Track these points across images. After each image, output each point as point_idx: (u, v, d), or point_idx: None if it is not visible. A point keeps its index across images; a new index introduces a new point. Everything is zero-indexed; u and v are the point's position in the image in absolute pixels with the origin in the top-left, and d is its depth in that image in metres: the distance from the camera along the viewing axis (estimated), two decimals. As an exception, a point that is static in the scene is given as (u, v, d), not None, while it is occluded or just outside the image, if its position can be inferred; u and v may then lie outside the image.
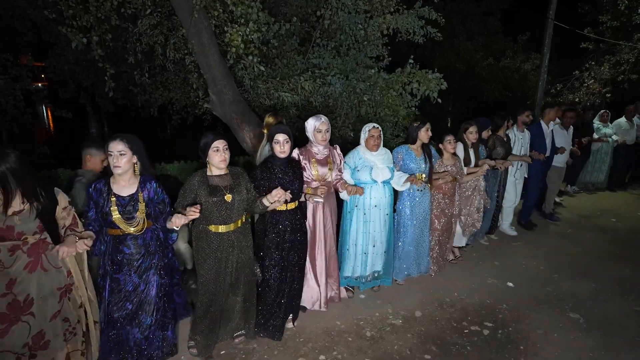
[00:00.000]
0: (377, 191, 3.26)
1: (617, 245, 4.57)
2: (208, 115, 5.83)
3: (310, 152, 3.05)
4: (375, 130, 3.22)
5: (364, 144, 3.28)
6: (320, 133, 2.98)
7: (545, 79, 8.58)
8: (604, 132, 6.48)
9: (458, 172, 3.78)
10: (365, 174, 3.20)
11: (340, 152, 3.22)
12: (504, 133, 4.47)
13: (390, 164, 3.30)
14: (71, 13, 4.17)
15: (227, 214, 2.48)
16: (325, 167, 3.04)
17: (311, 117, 3.00)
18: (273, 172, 2.73)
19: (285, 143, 2.68)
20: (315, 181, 3.01)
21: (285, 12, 5.32)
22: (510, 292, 3.56)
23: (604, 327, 3.00)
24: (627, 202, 6.37)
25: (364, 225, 3.30)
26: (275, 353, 2.72)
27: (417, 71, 5.10)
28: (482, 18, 14.00)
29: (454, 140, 3.76)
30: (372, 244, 3.33)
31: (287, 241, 2.82)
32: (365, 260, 3.36)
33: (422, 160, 3.51)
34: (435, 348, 2.77)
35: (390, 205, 3.36)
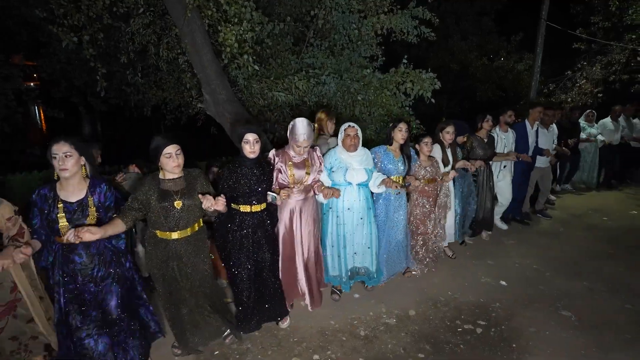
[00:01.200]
0: (351, 194, 3.15)
1: (609, 244, 4.61)
2: (202, 115, 5.82)
3: (287, 155, 2.93)
4: (351, 129, 3.09)
5: (340, 144, 3.15)
6: (299, 147, 2.86)
7: (538, 79, 8.65)
8: (589, 131, 6.48)
9: (436, 173, 3.69)
10: (340, 175, 3.10)
11: (321, 155, 3.12)
12: (485, 134, 4.33)
13: (368, 166, 3.17)
14: (62, 12, 4.14)
15: (176, 220, 2.34)
16: (303, 170, 2.93)
17: (298, 120, 2.83)
18: (240, 172, 2.64)
19: (255, 143, 2.59)
20: (295, 184, 2.92)
21: (279, 11, 5.32)
22: (503, 290, 3.58)
23: (596, 325, 3.02)
24: (618, 201, 6.43)
25: (337, 228, 3.21)
26: (269, 353, 2.71)
27: (411, 71, 5.13)
28: (476, 18, 14.09)
29: (431, 142, 3.66)
30: (344, 246, 3.24)
31: (253, 243, 2.74)
32: (339, 262, 3.27)
33: (400, 162, 3.42)
34: (429, 347, 2.78)
35: (366, 209, 3.22)
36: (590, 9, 10.45)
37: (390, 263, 3.58)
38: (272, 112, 5.15)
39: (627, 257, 4.23)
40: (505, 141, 4.61)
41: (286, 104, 4.93)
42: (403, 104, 5.32)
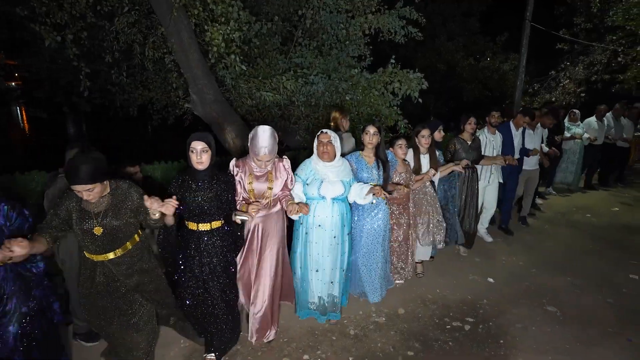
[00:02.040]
0: (323, 209, 2.80)
1: (592, 241, 4.72)
2: (189, 115, 5.76)
3: (248, 165, 2.63)
4: (324, 135, 2.75)
5: (315, 151, 2.83)
6: (261, 162, 2.57)
7: (523, 79, 8.79)
8: (575, 131, 6.45)
9: (409, 178, 3.44)
10: (314, 188, 2.77)
11: (289, 166, 2.77)
12: (469, 136, 4.09)
13: (346, 178, 2.85)
14: (44, 10, 4.05)
15: (101, 244, 2.05)
16: (264, 184, 2.62)
17: (260, 129, 2.50)
18: (188, 185, 2.34)
19: (202, 152, 2.26)
20: (258, 199, 2.62)
21: (266, 11, 5.30)
22: (490, 287, 3.63)
23: (580, 320, 3.09)
24: (601, 198, 6.57)
25: (306, 247, 2.87)
26: (259, 354, 2.70)
27: (399, 71, 5.16)
28: (462, 19, 14.27)
29: (406, 144, 3.37)
30: (314, 269, 2.88)
31: (201, 266, 2.44)
32: (308, 286, 2.93)
33: (374, 168, 3.11)
34: (418, 344, 2.81)
35: (340, 227, 2.86)
36: (572, 11, 10.70)
37: (372, 285, 3.22)
38: (261, 112, 5.13)
39: (609, 253, 4.33)
40: (494, 143, 4.39)
41: (274, 103, 4.91)
42: (391, 104, 5.35)
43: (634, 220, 5.43)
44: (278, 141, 2.62)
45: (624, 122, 6.96)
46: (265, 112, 5.08)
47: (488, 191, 4.48)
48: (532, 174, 5.01)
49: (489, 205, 4.56)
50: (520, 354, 2.69)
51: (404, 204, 3.46)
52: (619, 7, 8.59)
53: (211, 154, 2.32)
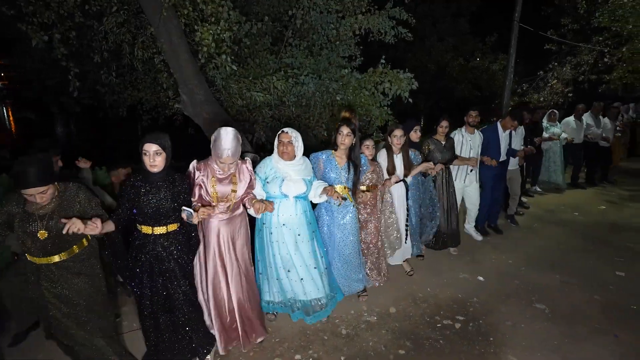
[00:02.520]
0: (287, 207, 2.78)
1: (580, 238, 4.79)
2: (179, 115, 5.73)
3: (210, 168, 2.54)
4: (285, 135, 2.73)
5: (276, 150, 2.80)
6: (224, 165, 2.50)
7: (512, 79, 8.89)
8: (553, 131, 6.48)
9: (377, 179, 3.35)
10: (275, 186, 2.74)
11: (251, 168, 2.72)
12: (443, 136, 4.01)
13: (307, 176, 2.83)
14: (31, 10, 4.00)
15: (45, 248, 2.02)
16: (228, 186, 2.55)
17: (223, 131, 2.43)
18: (141, 187, 2.23)
19: (155, 155, 2.15)
20: (221, 202, 2.54)
21: (257, 11, 5.29)
22: (480, 286, 3.66)
23: (568, 317, 3.13)
24: (588, 197, 6.68)
25: (271, 247, 2.82)
26: (251, 354, 2.70)
27: (389, 71, 5.19)
28: (452, 20, 14.37)
29: (373, 145, 3.34)
30: (285, 269, 2.84)
31: (158, 271, 2.32)
32: (281, 286, 2.88)
33: (344, 169, 3.03)
34: (409, 343, 2.82)
35: (305, 224, 2.86)
36: (560, 12, 10.85)
37: (342, 283, 3.21)
38: (251, 112, 5.12)
39: (597, 251, 4.40)
40: (471, 143, 4.26)
41: (265, 104, 4.91)
42: (381, 104, 5.38)
43: (620, 218, 5.52)
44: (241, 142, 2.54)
45: (604, 121, 7.01)
46: (256, 112, 5.08)
47: (468, 191, 4.45)
48: (512, 174, 5.03)
49: (471, 205, 4.55)
50: (510, 351, 2.72)
51: (372, 205, 3.38)
52: (604, 8, 8.72)
53: (166, 156, 2.21)
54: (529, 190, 6.66)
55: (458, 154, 4.20)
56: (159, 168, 2.20)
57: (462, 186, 4.37)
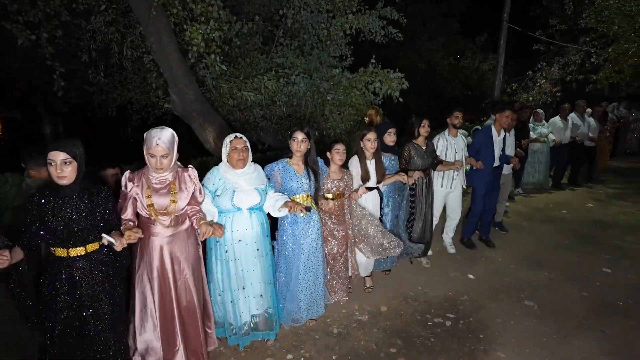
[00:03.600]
0: (241, 221, 2.53)
1: (568, 236, 4.86)
2: (169, 115, 5.69)
3: (145, 177, 2.25)
4: (239, 141, 2.51)
5: (225, 159, 2.57)
6: (154, 159, 2.18)
7: (501, 79, 8.98)
8: (540, 131, 6.46)
9: (346, 187, 3.12)
10: (226, 199, 2.50)
11: (196, 176, 2.39)
12: (423, 141, 3.72)
13: (261, 185, 2.62)
14: (16, 8, 3.93)
15: None
16: (167, 198, 2.24)
17: (154, 132, 2.17)
18: (51, 203, 1.92)
19: (63, 165, 1.86)
20: (159, 216, 2.25)
21: (247, 10, 5.27)
22: (470, 283, 3.70)
23: (556, 313, 3.18)
24: (576, 195, 6.78)
25: (226, 266, 2.56)
26: (243, 355, 2.69)
27: (380, 71, 5.21)
28: (442, 20, 14.45)
29: (344, 149, 3.06)
30: (240, 287, 2.59)
31: (83, 297, 2.01)
32: (235, 309, 2.62)
33: (304, 177, 2.83)
34: (400, 341, 2.84)
35: (262, 238, 2.64)
36: (548, 12, 10.97)
37: (303, 303, 2.92)
38: (242, 112, 5.10)
39: (584, 248, 4.47)
40: (455, 147, 3.99)
41: (256, 103, 4.90)
42: (372, 104, 5.40)
43: (607, 216, 5.62)
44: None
45: (589, 120, 7.02)
46: (247, 112, 5.06)
47: (451, 198, 4.14)
48: (506, 178, 4.77)
49: (452, 213, 4.23)
50: (500, 348, 2.75)
51: (338, 214, 3.13)
52: (591, 9, 8.85)
53: (77, 165, 1.91)
54: (511, 194, 6.51)
55: (443, 159, 3.96)
56: (68, 180, 1.90)
57: (447, 192, 4.09)
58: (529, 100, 10.30)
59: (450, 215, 4.27)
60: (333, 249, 3.13)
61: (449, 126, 4.02)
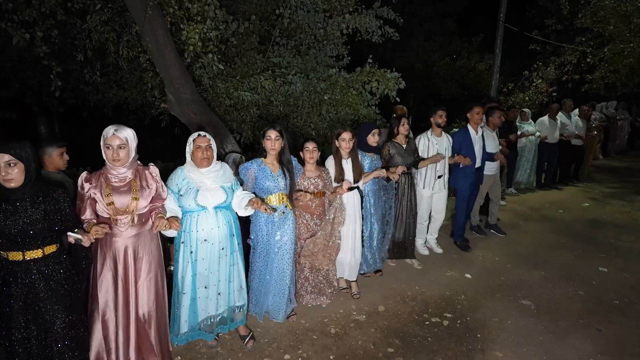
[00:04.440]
0: (207, 220, 2.49)
1: (564, 235, 4.88)
2: (165, 115, 5.66)
3: (105, 177, 2.22)
4: (202, 139, 2.48)
5: (189, 158, 2.54)
6: (110, 150, 2.15)
7: (497, 79, 9.00)
8: (526, 129, 6.51)
9: (325, 185, 3.13)
10: (190, 198, 2.45)
11: (157, 174, 2.38)
12: (403, 139, 3.75)
13: (227, 183, 2.59)
14: (11, 7, 3.90)
15: None
16: (128, 196, 2.20)
17: (112, 125, 2.18)
18: (3, 207, 1.86)
19: (8, 167, 1.80)
20: (120, 215, 2.19)
21: (244, 10, 5.26)
22: (468, 283, 3.71)
23: (552, 312, 3.20)
24: (572, 194, 6.81)
25: (192, 266, 2.51)
26: (240, 355, 2.68)
27: (376, 70, 5.21)
28: (438, 20, 14.48)
29: (316, 148, 3.07)
30: (203, 286, 2.56)
31: (40, 301, 1.95)
32: (195, 307, 2.58)
33: (280, 176, 2.84)
34: (398, 341, 2.84)
35: (229, 237, 2.60)
36: (544, 12, 11.02)
37: (277, 301, 2.96)
38: (239, 112, 5.09)
39: (580, 247, 4.49)
40: (438, 147, 3.96)
41: (253, 103, 4.88)
42: (369, 103, 5.40)
43: (603, 215, 5.65)
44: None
45: (575, 119, 7.05)
46: (244, 111, 5.05)
47: (436, 200, 4.13)
48: (494, 178, 4.75)
49: (437, 214, 4.22)
50: (497, 347, 2.76)
51: (320, 214, 3.14)
52: (587, 9, 8.90)
53: (25, 167, 1.85)
54: (503, 193, 6.54)
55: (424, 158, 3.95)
56: (16, 182, 1.83)
57: (431, 194, 4.07)
58: (525, 100, 10.34)
59: (434, 216, 4.27)
60: (314, 250, 3.14)
61: (432, 125, 4.03)
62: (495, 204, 4.97)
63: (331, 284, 3.34)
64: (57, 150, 2.74)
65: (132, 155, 2.23)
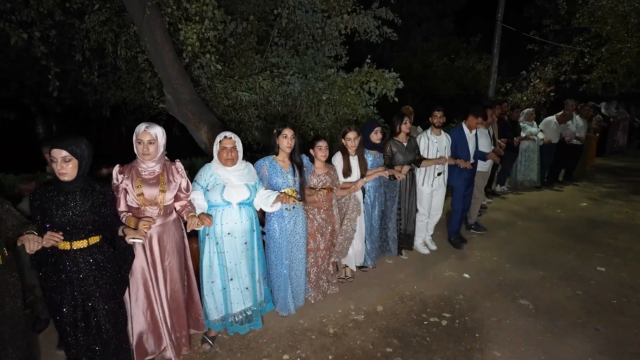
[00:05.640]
0: (231, 215, 2.62)
1: (562, 235, 4.89)
2: (164, 115, 5.66)
3: (135, 170, 2.37)
4: (227, 141, 2.60)
5: (216, 157, 2.66)
6: (141, 145, 2.32)
7: (495, 79, 9.02)
8: (530, 130, 6.55)
9: (333, 182, 3.27)
10: (216, 194, 2.59)
11: (183, 169, 2.53)
12: (404, 137, 3.87)
13: (251, 181, 2.72)
14: (9, 7, 3.89)
15: None
16: (156, 188, 2.36)
17: (143, 123, 2.35)
18: (54, 198, 2.01)
19: (64, 162, 1.97)
20: (148, 206, 2.34)
21: (242, 10, 5.25)
22: (466, 283, 3.71)
23: (550, 311, 3.20)
24: (570, 194, 6.82)
25: (218, 257, 2.66)
26: (239, 355, 2.68)
27: (375, 70, 5.21)
28: (436, 20, 14.50)
29: (326, 146, 3.20)
30: (229, 278, 2.69)
31: (77, 289, 2.09)
32: (225, 297, 2.72)
33: (289, 173, 2.95)
34: (397, 341, 2.84)
35: (250, 232, 2.73)
36: (542, 13, 11.04)
37: (293, 292, 3.13)
38: (237, 112, 5.08)
39: (578, 247, 4.50)
40: (437, 146, 4.04)
41: (251, 103, 4.88)
42: (367, 103, 5.40)
43: (601, 215, 5.66)
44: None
45: (576, 119, 7.07)
46: (242, 112, 5.04)
47: (434, 197, 4.21)
48: (485, 175, 4.87)
49: (434, 212, 4.29)
50: (495, 347, 2.76)
51: (327, 209, 3.26)
52: (584, 9, 8.91)
53: (78, 162, 2.00)
54: (494, 190, 6.64)
55: (425, 157, 4.05)
56: (69, 177, 1.99)
57: (431, 191, 4.14)
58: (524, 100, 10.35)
59: (431, 213, 4.31)
60: (321, 245, 3.28)
61: (431, 125, 4.13)
62: (474, 204, 4.95)
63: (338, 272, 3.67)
64: None
65: (160, 151, 2.38)
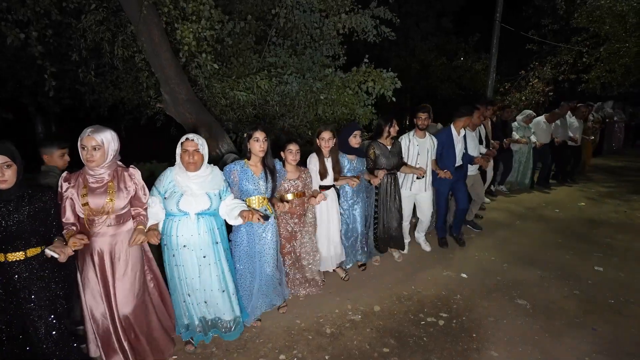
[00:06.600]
0: (187, 226, 2.42)
1: (560, 234, 4.89)
2: (161, 115, 5.65)
3: (82, 177, 2.19)
4: (190, 143, 2.40)
5: (179, 160, 2.47)
6: (85, 151, 2.12)
7: (494, 78, 9.02)
8: (522, 134, 6.43)
9: (305, 186, 3.16)
10: (172, 203, 2.40)
11: (139, 176, 2.35)
12: (389, 141, 3.74)
13: (215, 189, 2.53)
14: (5, 6, 3.88)
15: None
16: (103, 197, 2.16)
17: (91, 126, 2.16)
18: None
19: (3, 168, 1.85)
20: (96, 216, 2.17)
21: (240, 9, 5.24)
22: (463, 282, 3.70)
23: (548, 311, 3.20)
24: (568, 194, 6.82)
25: (176, 270, 2.50)
26: (235, 355, 2.67)
27: (372, 70, 5.21)
28: (435, 20, 14.50)
29: (297, 149, 3.05)
30: (187, 293, 2.55)
31: (21, 303, 1.97)
32: (187, 307, 2.61)
33: (262, 179, 2.80)
34: (394, 341, 2.83)
35: (212, 244, 2.52)
36: (540, 12, 11.05)
37: (262, 299, 2.98)
38: (235, 111, 5.07)
39: (575, 246, 4.50)
40: (418, 149, 3.91)
41: (249, 103, 4.88)
42: (365, 103, 5.40)
43: (599, 215, 5.66)
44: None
45: (571, 120, 7.03)
46: (240, 111, 5.04)
47: (420, 200, 4.12)
48: (474, 178, 4.73)
49: (421, 214, 4.24)
50: (493, 347, 2.75)
51: (300, 213, 3.19)
52: (582, 9, 8.92)
53: (17, 168, 1.89)
54: (493, 191, 6.59)
55: (405, 160, 3.93)
56: (9, 184, 1.87)
57: (410, 194, 4.04)
58: (522, 99, 10.36)
59: (419, 216, 4.29)
60: (296, 248, 3.24)
61: (415, 127, 3.99)
62: (477, 203, 4.96)
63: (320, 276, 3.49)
64: (58, 150, 2.70)
65: (108, 157, 2.18)
